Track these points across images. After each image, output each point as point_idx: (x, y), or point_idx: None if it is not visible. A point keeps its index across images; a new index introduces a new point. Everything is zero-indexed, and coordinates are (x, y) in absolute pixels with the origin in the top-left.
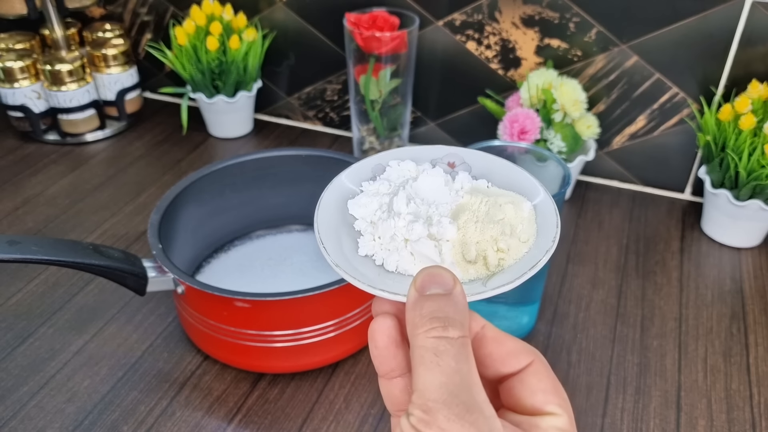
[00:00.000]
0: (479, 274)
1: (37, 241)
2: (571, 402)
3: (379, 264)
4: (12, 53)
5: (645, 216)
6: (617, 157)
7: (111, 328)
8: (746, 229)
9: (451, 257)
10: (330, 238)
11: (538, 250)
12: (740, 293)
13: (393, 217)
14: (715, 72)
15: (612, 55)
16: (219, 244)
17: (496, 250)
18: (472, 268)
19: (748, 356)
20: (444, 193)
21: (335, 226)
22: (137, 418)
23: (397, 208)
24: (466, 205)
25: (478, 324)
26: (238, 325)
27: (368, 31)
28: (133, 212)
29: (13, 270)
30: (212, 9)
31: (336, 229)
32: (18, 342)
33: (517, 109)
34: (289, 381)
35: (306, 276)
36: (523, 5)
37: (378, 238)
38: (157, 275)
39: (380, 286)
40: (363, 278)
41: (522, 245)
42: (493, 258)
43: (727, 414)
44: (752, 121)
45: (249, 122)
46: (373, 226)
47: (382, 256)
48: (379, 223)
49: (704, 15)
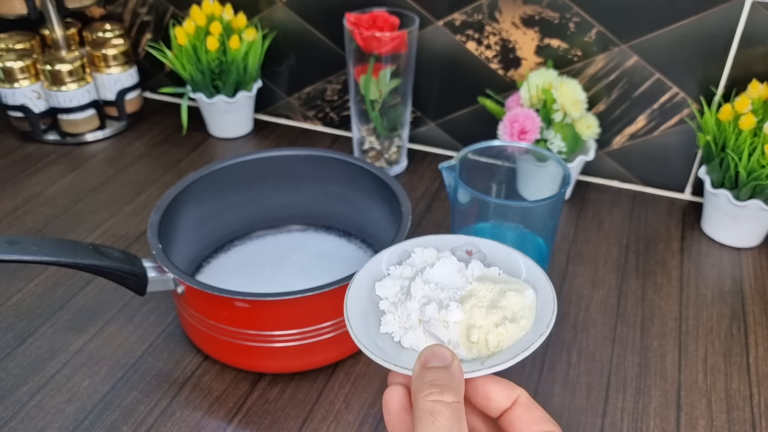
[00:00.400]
0: (480, 354)
1: (37, 241)
2: (571, 402)
3: (396, 341)
4: (12, 53)
5: (645, 216)
6: (617, 157)
7: (111, 328)
8: (746, 229)
9: (457, 337)
10: (356, 314)
11: (533, 333)
12: (740, 293)
13: (410, 299)
14: (716, 72)
15: (612, 55)
16: (219, 244)
17: (496, 333)
18: (475, 348)
19: (748, 356)
20: (456, 279)
21: (364, 303)
22: (137, 418)
23: (413, 291)
24: (475, 291)
25: (515, 393)
26: (238, 325)
27: (368, 31)
28: (133, 212)
29: (13, 270)
30: (212, 9)
31: (364, 306)
32: (18, 342)
33: (517, 109)
34: (289, 381)
35: (306, 276)
36: (523, 5)
37: (397, 318)
38: (157, 275)
39: (393, 361)
40: (379, 353)
41: (520, 329)
42: (493, 340)
43: (727, 414)
44: (752, 121)
45: (249, 122)
46: (394, 307)
47: (400, 334)
48: (398, 304)
49: (704, 15)
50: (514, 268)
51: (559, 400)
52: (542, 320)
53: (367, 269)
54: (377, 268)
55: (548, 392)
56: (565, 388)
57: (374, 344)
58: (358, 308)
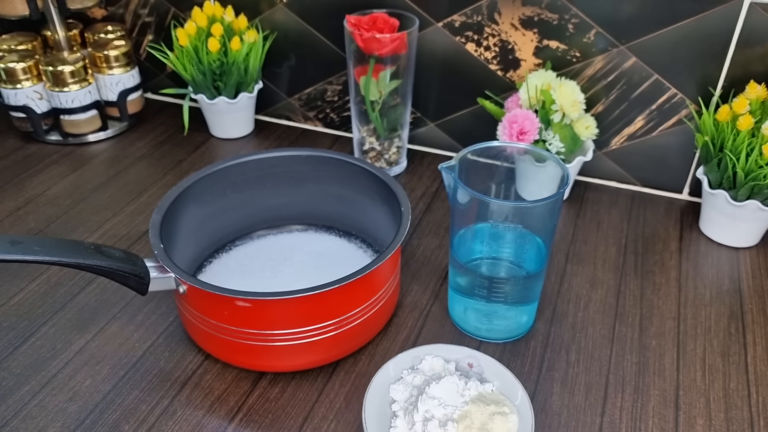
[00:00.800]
0: None
1: (38, 241)
2: (569, 401)
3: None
4: (14, 54)
5: (643, 216)
6: (616, 158)
7: (112, 328)
8: (744, 229)
9: None
10: (372, 415)
11: None
12: (738, 293)
13: (416, 412)
14: (714, 73)
15: (611, 56)
16: (220, 244)
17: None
18: None
19: (747, 355)
20: (456, 397)
21: (379, 402)
22: (138, 417)
23: (419, 405)
24: (469, 412)
25: None
26: (239, 324)
27: (368, 32)
28: (134, 212)
29: (15, 270)
30: (213, 10)
31: (380, 405)
32: (20, 341)
33: (516, 110)
34: (289, 380)
35: (306, 275)
36: (522, 6)
37: (407, 423)
38: (159, 275)
39: None
40: None
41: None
42: None
43: (726, 413)
44: (750, 121)
45: (250, 123)
46: (403, 412)
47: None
48: (408, 411)
49: (703, 16)
50: (506, 384)
51: (557, 399)
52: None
53: (384, 370)
54: (392, 372)
55: (547, 391)
56: (563, 387)
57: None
58: (374, 409)
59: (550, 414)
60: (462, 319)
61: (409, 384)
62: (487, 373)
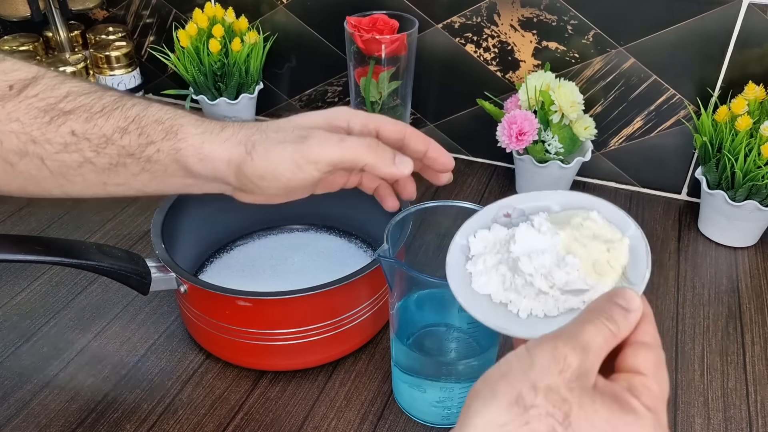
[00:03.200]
0: (614, 278)
1: (41, 241)
2: None
3: (505, 305)
4: (16, 55)
5: (642, 216)
6: (614, 159)
7: (114, 327)
8: (742, 229)
9: (587, 280)
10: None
11: (630, 239)
12: (736, 292)
13: (522, 274)
14: (712, 74)
15: (609, 57)
16: (221, 243)
17: (612, 254)
18: (609, 278)
19: (745, 355)
20: (541, 239)
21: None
22: (140, 416)
23: (523, 267)
24: (565, 239)
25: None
26: (240, 323)
27: (368, 33)
28: (136, 212)
29: (17, 269)
30: (214, 12)
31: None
32: (22, 341)
33: (516, 111)
34: (290, 379)
35: (307, 275)
36: (521, 8)
37: (506, 284)
38: (160, 275)
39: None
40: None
41: (620, 243)
42: (613, 262)
43: (724, 412)
44: (748, 122)
45: None
46: (494, 270)
47: (508, 299)
48: (502, 270)
49: (701, 17)
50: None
51: None
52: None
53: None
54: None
55: None
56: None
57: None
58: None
59: None
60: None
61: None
62: (528, 211)
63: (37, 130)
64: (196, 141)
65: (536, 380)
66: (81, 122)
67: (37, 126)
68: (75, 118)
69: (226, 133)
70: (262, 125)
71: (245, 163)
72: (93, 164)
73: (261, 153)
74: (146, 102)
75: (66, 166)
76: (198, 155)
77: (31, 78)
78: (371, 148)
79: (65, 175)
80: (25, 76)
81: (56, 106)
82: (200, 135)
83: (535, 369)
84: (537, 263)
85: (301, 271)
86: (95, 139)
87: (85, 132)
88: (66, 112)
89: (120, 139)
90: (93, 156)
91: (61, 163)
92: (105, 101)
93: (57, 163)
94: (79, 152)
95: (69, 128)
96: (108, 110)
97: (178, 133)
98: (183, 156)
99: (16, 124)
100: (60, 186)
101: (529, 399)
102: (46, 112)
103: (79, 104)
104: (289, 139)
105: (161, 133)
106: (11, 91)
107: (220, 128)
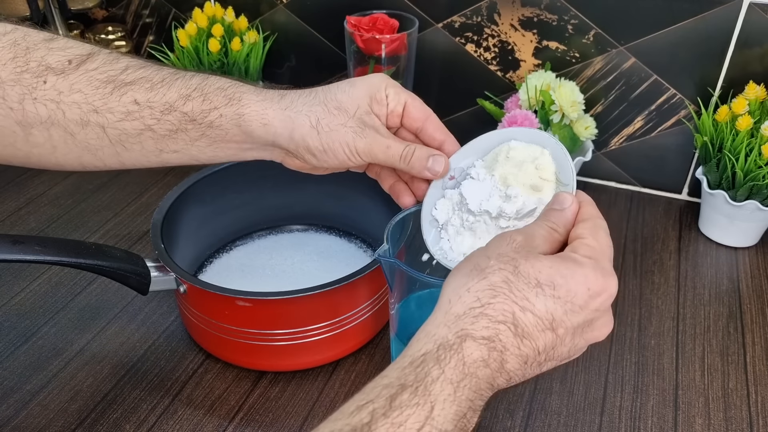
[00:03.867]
0: (553, 189)
1: (40, 240)
2: (569, 400)
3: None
4: None
5: (642, 216)
6: (615, 158)
7: (113, 327)
8: (743, 229)
9: (531, 199)
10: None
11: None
12: (737, 293)
13: (483, 220)
14: (713, 73)
15: (610, 57)
16: (221, 243)
17: (538, 173)
18: (547, 189)
19: (745, 355)
20: (483, 186)
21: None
22: (139, 417)
23: (482, 215)
24: (500, 176)
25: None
26: (240, 324)
27: (368, 33)
28: (135, 212)
29: (17, 269)
30: (214, 11)
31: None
32: (21, 341)
33: (516, 111)
34: (290, 379)
35: (306, 275)
36: (522, 7)
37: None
38: (160, 275)
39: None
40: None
41: (548, 157)
42: (544, 176)
43: (725, 413)
44: (749, 122)
45: None
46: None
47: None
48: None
49: (702, 17)
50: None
51: (557, 398)
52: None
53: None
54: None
55: (546, 390)
56: (563, 387)
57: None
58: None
59: (550, 413)
60: None
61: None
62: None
63: (100, 100)
64: (258, 107)
65: (489, 252)
66: (143, 91)
67: (99, 96)
68: (137, 88)
69: (285, 101)
70: (319, 95)
71: (310, 135)
72: (153, 131)
73: (326, 130)
74: (204, 74)
75: (126, 134)
76: (261, 120)
77: (87, 54)
78: (406, 158)
79: (124, 142)
80: (81, 51)
81: (117, 78)
82: (261, 102)
83: (488, 247)
84: (489, 206)
85: (301, 271)
86: (158, 106)
87: (148, 100)
88: (128, 83)
89: (183, 106)
90: (154, 123)
91: (121, 131)
92: (164, 73)
93: (117, 131)
94: (140, 120)
95: (131, 97)
96: (169, 81)
97: (241, 99)
98: (246, 121)
99: (78, 95)
100: (116, 154)
101: (483, 263)
102: (108, 83)
103: (139, 76)
104: (350, 125)
105: (224, 99)
106: (71, 65)
107: (280, 96)
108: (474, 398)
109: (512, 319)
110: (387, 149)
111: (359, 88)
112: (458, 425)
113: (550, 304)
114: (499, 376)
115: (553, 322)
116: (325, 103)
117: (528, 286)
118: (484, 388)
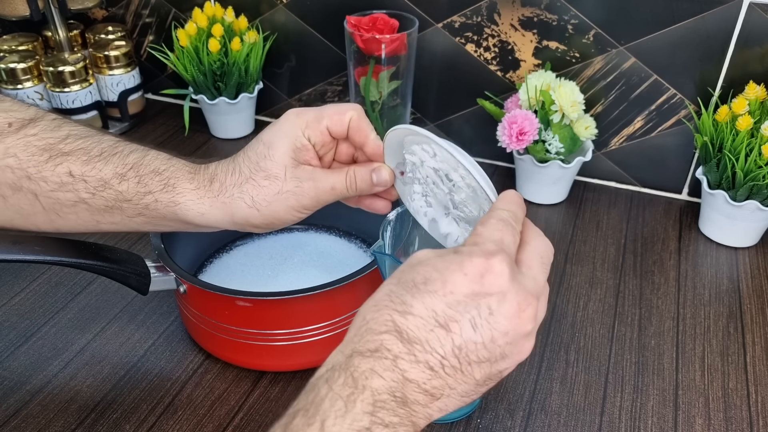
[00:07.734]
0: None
1: (40, 240)
2: (569, 400)
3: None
4: (15, 54)
5: (642, 216)
6: (615, 158)
7: (113, 327)
8: (743, 229)
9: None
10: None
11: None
12: (737, 293)
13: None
14: (713, 73)
15: (610, 57)
16: (221, 243)
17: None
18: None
19: (746, 355)
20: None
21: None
22: (139, 417)
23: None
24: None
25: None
26: (240, 324)
27: (368, 33)
28: None
29: (16, 269)
30: (214, 11)
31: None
32: (21, 341)
33: (516, 111)
34: (290, 379)
35: (306, 275)
36: (522, 7)
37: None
38: (160, 275)
39: None
40: None
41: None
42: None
43: (725, 413)
44: (749, 122)
45: (250, 123)
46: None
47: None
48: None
49: (702, 17)
50: None
51: (557, 398)
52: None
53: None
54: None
55: (546, 390)
56: (563, 387)
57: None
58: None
59: (550, 413)
60: None
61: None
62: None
63: (34, 167)
64: (194, 196)
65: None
66: (79, 164)
67: (34, 163)
68: (73, 160)
69: (215, 187)
70: (243, 170)
71: (251, 215)
72: (88, 204)
73: (264, 205)
74: (143, 149)
75: (60, 203)
76: (198, 210)
77: (30, 118)
78: (351, 187)
79: (58, 212)
80: (24, 116)
81: (55, 147)
82: (196, 191)
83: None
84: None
85: (300, 271)
86: (93, 181)
87: (83, 174)
88: (65, 153)
89: (118, 185)
90: (88, 197)
91: (55, 200)
92: (103, 146)
93: (51, 200)
94: (74, 192)
95: (66, 168)
96: (106, 155)
97: (176, 187)
98: (182, 210)
99: (12, 159)
100: (51, 221)
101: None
102: (45, 151)
103: (77, 147)
104: (286, 189)
105: (159, 184)
106: (10, 128)
107: (209, 182)
108: (374, 411)
109: (394, 326)
110: (332, 190)
111: (278, 147)
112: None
113: (428, 301)
114: (404, 387)
115: (438, 317)
116: (252, 178)
117: (406, 290)
118: (387, 401)
